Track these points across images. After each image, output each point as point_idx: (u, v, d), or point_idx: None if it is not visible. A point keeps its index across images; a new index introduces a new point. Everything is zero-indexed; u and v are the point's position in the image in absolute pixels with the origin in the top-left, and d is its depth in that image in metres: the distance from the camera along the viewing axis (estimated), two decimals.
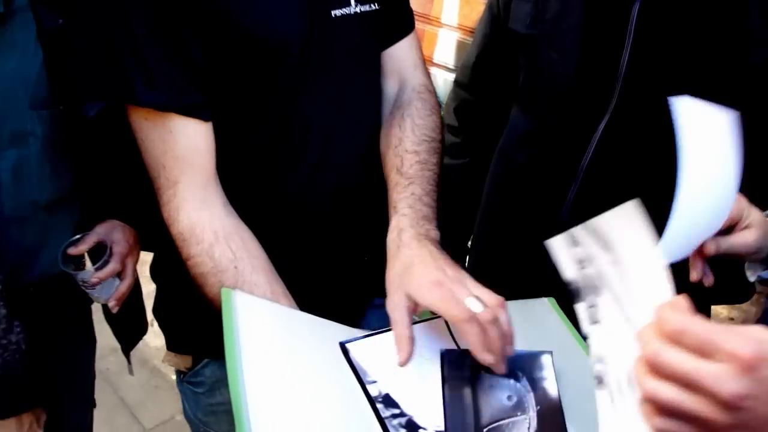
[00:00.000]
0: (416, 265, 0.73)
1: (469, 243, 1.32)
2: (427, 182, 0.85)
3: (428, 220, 0.81)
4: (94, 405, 1.21)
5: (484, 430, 0.66)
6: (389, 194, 0.85)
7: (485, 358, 0.67)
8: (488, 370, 0.70)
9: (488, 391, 0.69)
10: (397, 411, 0.67)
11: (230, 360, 0.61)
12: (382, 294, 1.02)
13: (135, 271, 1.03)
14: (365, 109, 0.90)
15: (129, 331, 1.19)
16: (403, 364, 0.69)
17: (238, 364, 0.60)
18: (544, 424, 0.67)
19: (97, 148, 0.96)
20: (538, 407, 0.68)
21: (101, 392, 2.17)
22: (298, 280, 0.79)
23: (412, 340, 0.70)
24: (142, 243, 1.05)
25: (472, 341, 0.66)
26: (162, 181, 0.76)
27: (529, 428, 0.67)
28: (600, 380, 0.54)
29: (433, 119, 0.92)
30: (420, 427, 0.66)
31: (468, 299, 0.68)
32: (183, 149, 0.74)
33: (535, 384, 0.70)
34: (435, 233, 0.80)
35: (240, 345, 0.62)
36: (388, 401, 0.68)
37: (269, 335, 0.66)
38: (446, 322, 0.78)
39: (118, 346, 1.25)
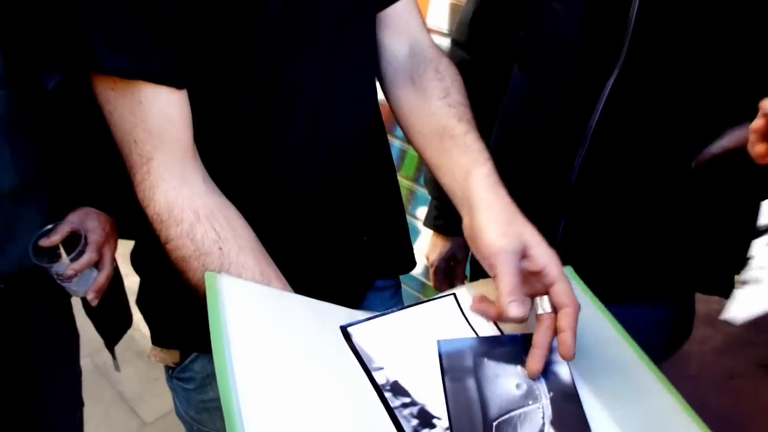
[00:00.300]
0: (531, 225, 0.69)
1: None
2: None
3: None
4: (82, 404, 1.15)
5: (494, 424, 0.59)
6: (453, 139, 0.78)
7: (572, 353, 0.62)
8: (491, 356, 0.64)
9: (494, 381, 0.62)
10: (407, 400, 0.60)
11: (217, 351, 0.54)
12: (383, 276, 0.98)
13: (113, 260, 0.96)
14: (358, 74, 0.83)
15: (112, 325, 1.12)
16: (525, 318, 0.63)
17: (227, 356, 0.54)
18: (559, 413, 0.61)
19: (62, 129, 0.88)
20: (551, 394, 0.62)
21: (98, 387, 2.15)
22: (291, 263, 0.73)
23: (527, 294, 0.65)
24: (120, 230, 0.98)
25: (574, 328, 0.62)
26: (134, 158, 0.68)
27: (543, 418, 0.60)
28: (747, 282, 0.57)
29: (461, 80, 0.86)
30: (434, 417, 0.60)
31: None
32: (155, 121, 0.67)
33: (545, 368, 0.64)
34: None
35: (228, 334, 0.55)
36: (397, 389, 0.61)
37: (260, 321, 0.59)
38: (457, 302, 0.72)
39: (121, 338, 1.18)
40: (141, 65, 0.65)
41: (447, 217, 1.25)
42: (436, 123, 0.79)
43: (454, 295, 0.73)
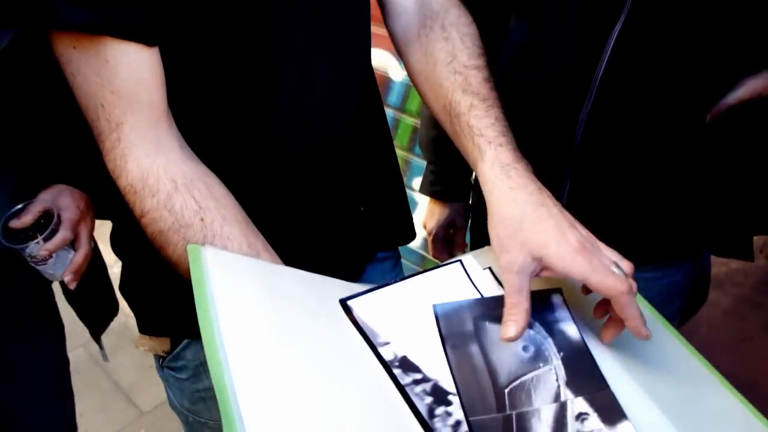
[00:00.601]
0: (545, 219, 0.59)
1: (472, 178, 1.20)
2: (501, 105, 0.71)
3: (520, 152, 0.68)
4: (71, 395, 1.10)
5: (505, 391, 0.54)
6: (459, 119, 0.71)
7: (645, 332, 0.57)
8: (492, 318, 0.59)
9: (499, 345, 0.57)
10: (418, 376, 0.55)
11: (206, 331, 0.48)
12: (383, 247, 0.92)
13: (90, 239, 0.90)
14: (352, 28, 0.77)
15: (96, 313, 1.06)
16: (512, 339, 0.56)
17: (217, 335, 0.48)
18: (574, 372, 0.56)
19: (25, 98, 0.81)
20: (562, 353, 0.57)
21: (93, 377, 2.10)
22: (284, 237, 0.67)
23: (529, 314, 0.57)
24: (96, 209, 0.92)
25: (633, 315, 0.56)
26: (102, 124, 0.62)
27: (557, 379, 0.56)
28: None
29: (475, 28, 0.78)
30: (449, 393, 0.54)
31: (612, 267, 0.58)
32: (124, 82, 0.60)
33: (550, 327, 0.59)
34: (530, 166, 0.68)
35: (216, 311, 0.49)
36: (407, 365, 0.55)
37: (252, 296, 0.53)
38: (464, 268, 0.66)
39: (108, 327, 1.12)
40: (106, 19, 0.58)
41: (444, 183, 1.18)
42: (444, 98, 0.73)
43: (461, 261, 0.68)
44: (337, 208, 0.80)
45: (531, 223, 0.59)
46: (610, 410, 0.53)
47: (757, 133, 0.90)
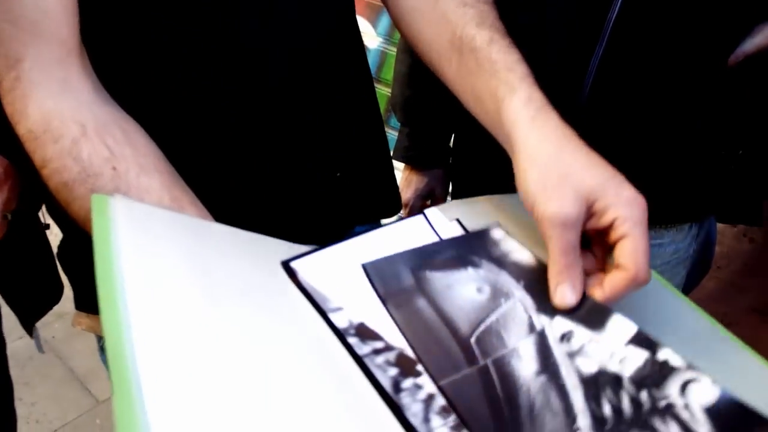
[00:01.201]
0: (600, 165, 0.51)
1: (452, 142, 1.11)
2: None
3: None
4: (8, 379, 1.00)
5: (471, 340, 0.47)
6: (475, 53, 0.61)
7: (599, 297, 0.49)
8: (433, 266, 0.52)
9: (449, 293, 0.50)
10: (379, 345, 0.46)
11: (106, 299, 0.38)
12: (363, 220, 0.81)
13: (4, 210, 0.80)
14: None
15: (29, 298, 0.94)
16: (568, 306, 0.48)
17: (121, 307, 0.37)
18: (541, 295, 0.49)
19: None
20: (522, 282, 0.50)
21: (47, 364, 1.99)
22: (246, 203, 0.60)
23: (582, 274, 0.49)
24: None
25: (605, 295, 0.48)
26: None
27: (526, 310, 0.49)
28: None
29: None
30: (417, 362, 0.46)
31: None
32: (24, 10, 0.52)
33: (501, 261, 0.52)
34: None
35: (121, 269, 0.39)
36: (365, 333, 0.47)
37: (170, 254, 0.43)
38: (428, 220, 0.58)
39: (62, 311, 1.03)
40: None
41: (421, 147, 1.09)
42: (451, 32, 0.63)
43: (424, 214, 0.60)
44: (310, 173, 0.72)
45: (583, 167, 0.50)
46: (593, 313, 0.46)
47: None
